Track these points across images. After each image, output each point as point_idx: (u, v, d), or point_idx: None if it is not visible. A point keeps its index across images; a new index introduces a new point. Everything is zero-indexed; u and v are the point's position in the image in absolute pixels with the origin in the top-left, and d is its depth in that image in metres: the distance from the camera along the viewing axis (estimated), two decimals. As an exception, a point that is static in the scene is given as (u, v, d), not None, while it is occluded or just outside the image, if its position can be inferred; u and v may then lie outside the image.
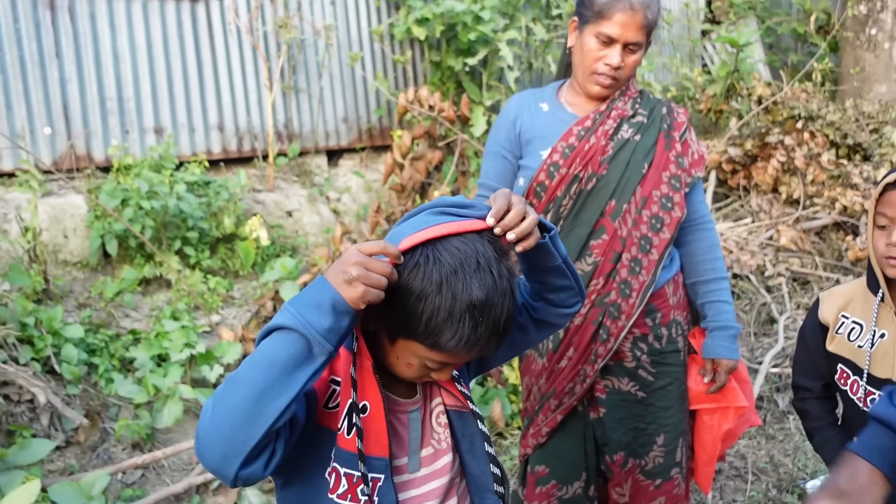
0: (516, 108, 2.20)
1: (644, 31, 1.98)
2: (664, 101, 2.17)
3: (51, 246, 3.97)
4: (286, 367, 1.03)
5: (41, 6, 4.20)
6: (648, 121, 2.10)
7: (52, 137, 4.25)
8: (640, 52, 2.01)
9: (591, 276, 2.08)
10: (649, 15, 1.97)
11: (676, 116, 2.15)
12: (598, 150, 2.05)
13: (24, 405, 3.11)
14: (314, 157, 5.33)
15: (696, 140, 2.18)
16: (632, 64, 2.02)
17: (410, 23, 5.13)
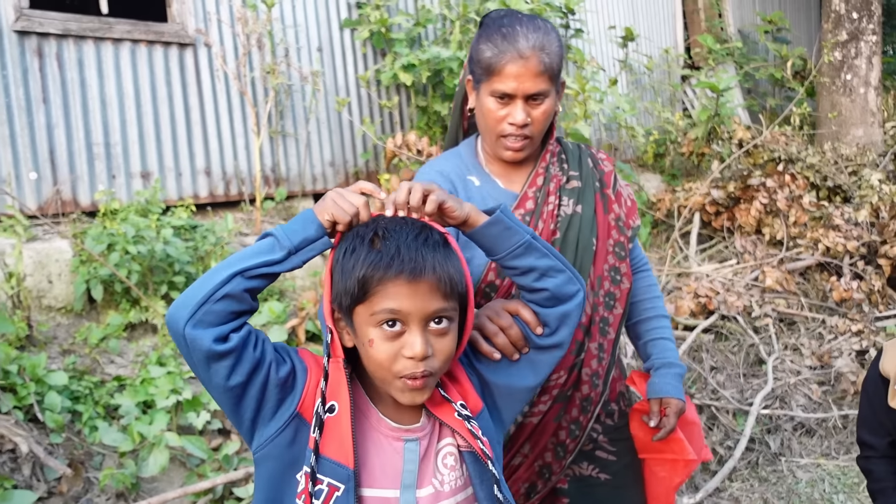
0: (445, 177, 1.86)
1: (545, 78, 1.66)
2: (584, 150, 1.92)
3: (35, 291, 3.92)
4: (247, 253, 1.20)
5: (29, 53, 4.21)
6: (582, 182, 1.85)
7: (37, 182, 4.23)
8: (550, 101, 1.70)
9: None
10: (546, 58, 1.65)
11: (603, 167, 1.91)
12: (546, 237, 1.77)
13: (5, 455, 3.03)
14: (301, 200, 5.33)
15: (624, 184, 1.95)
16: (541, 116, 1.71)
17: (397, 69, 5.20)
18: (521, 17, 1.70)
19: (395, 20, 5.42)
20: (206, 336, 1.14)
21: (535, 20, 1.71)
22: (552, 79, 1.68)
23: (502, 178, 1.84)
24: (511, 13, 1.73)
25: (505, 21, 1.69)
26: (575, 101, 5.10)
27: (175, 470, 3.45)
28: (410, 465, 1.23)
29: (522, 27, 1.67)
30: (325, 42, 5.48)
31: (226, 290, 1.15)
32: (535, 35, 1.66)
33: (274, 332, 3.92)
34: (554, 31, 1.70)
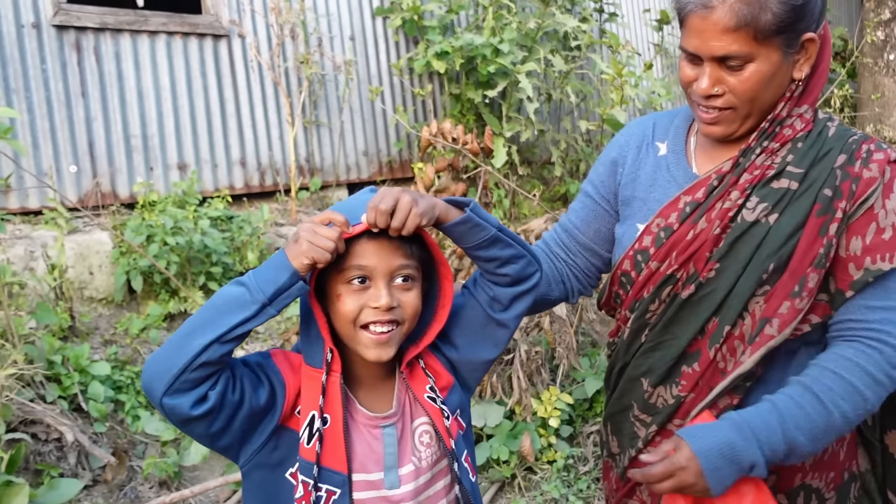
0: (623, 144, 1.60)
1: (742, 35, 1.26)
2: (851, 141, 1.37)
3: (77, 283, 3.98)
4: (221, 309, 1.14)
5: (67, 47, 4.26)
6: (802, 184, 1.35)
7: (77, 175, 4.29)
8: (758, 65, 1.29)
9: (670, 415, 1.45)
10: (744, 8, 1.24)
11: (862, 171, 1.33)
12: (706, 242, 1.38)
13: (51, 444, 3.09)
14: (335, 190, 5.35)
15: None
16: (743, 85, 1.31)
17: (430, 56, 5.17)
18: None
19: (428, 7, 5.39)
20: (184, 403, 1.12)
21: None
22: (759, 36, 1.26)
23: (705, 152, 1.48)
24: None
25: None
26: (611, 87, 5.03)
27: (215, 458, 3.50)
28: (390, 448, 1.30)
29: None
30: (357, 31, 5.47)
31: (202, 358, 1.12)
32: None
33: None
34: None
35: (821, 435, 1.28)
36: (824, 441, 1.30)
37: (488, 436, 3.64)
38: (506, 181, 4.25)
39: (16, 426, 2.96)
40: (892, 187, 1.33)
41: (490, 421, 3.60)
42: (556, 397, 3.73)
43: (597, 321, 4.21)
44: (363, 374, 1.32)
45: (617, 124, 5.31)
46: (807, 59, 1.34)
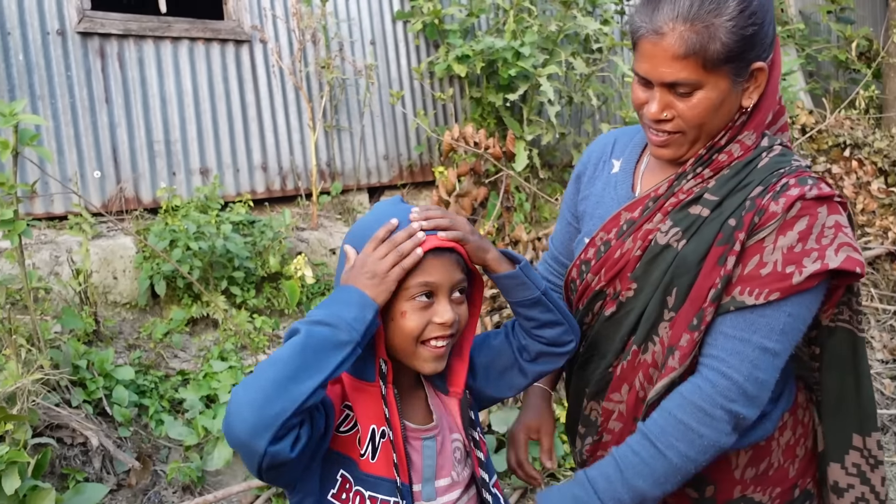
0: (585, 160, 1.62)
1: (690, 63, 1.24)
2: (777, 171, 1.32)
3: (101, 287, 4.01)
4: (318, 351, 1.11)
5: (92, 54, 4.30)
6: (713, 212, 1.33)
7: (101, 181, 4.32)
8: (706, 93, 1.27)
9: (590, 445, 1.52)
10: (692, 36, 1.23)
11: (770, 204, 1.28)
12: (629, 262, 1.39)
13: (76, 448, 3.11)
14: (356, 194, 5.35)
15: (809, 241, 1.27)
16: (691, 112, 1.29)
17: (451, 60, 5.16)
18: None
19: (448, 11, 5.38)
20: (285, 447, 1.07)
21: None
22: (708, 65, 1.24)
23: (653, 172, 1.48)
24: None
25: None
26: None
27: (238, 464, 3.50)
28: (429, 460, 1.31)
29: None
30: (378, 35, 5.48)
31: (310, 402, 1.08)
32: (687, 1, 1.25)
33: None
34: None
35: (664, 479, 1.30)
36: (674, 482, 1.31)
37: (511, 441, 3.62)
38: (527, 185, 4.23)
39: (42, 430, 2.98)
40: (793, 226, 1.27)
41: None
42: (579, 403, 3.70)
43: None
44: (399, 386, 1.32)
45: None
46: (756, 87, 1.33)
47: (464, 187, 3.98)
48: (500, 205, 4.07)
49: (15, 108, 2.93)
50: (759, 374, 1.29)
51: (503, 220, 4.22)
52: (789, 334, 1.29)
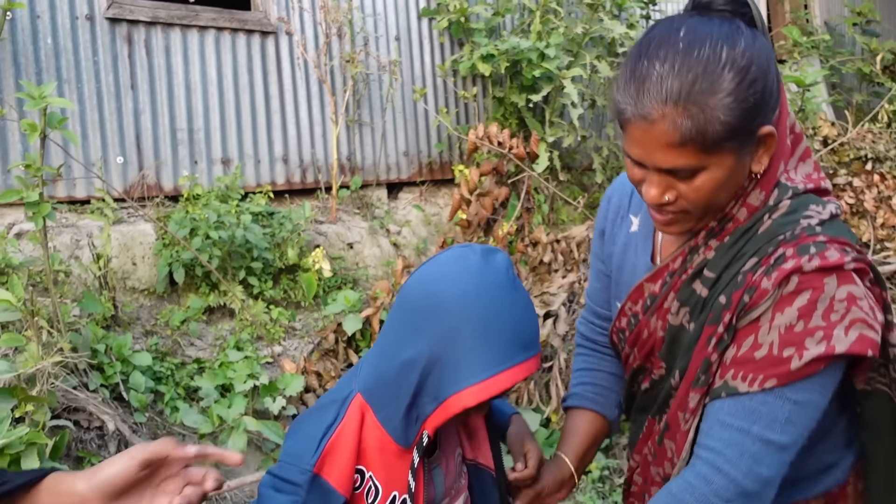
0: (603, 216, 1.51)
1: (688, 150, 1.09)
2: (777, 237, 1.17)
3: (120, 273, 4.02)
4: None
5: (119, 40, 4.31)
6: (711, 291, 1.22)
7: (124, 166, 4.34)
8: (708, 174, 1.12)
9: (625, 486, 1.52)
10: (687, 123, 1.06)
11: (761, 280, 1.14)
12: (656, 341, 1.31)
13: (93, 432, 3.12)
14: (375, 189, 5.35)
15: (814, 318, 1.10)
16: (695, 194, 1.14)
17: (475, 59, 5.15)
18: (671, 45, 1.09)
19: (475, 9, 5.37)
20: None
21: (695, 47, 1.08)
22: (709, 147, 1.08)
23: (671, 236, 1.34)
24: (667, 31, 1.12)
25: (647, 48, 1.12)
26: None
27: (251, 454, 3.51)
28: (439, 488, 1.31)
29: (662, 64, 1.08)
30: (402, 31, 5.48)
31: None
32: (676, 81, 1.06)
33: (349, 321, 3.95)
34: (727, 66, 1.07)
35: None
36: None
37: (524, 443, 3.61)
38: (548, 185, 4.22)
39: (59, 413, 3.00)
40: (793, 301, 1.11)
41: (526, 428, 3.57)
42: (594, 407, 3.69)
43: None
44: None
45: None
46: (766, 151, 1.17)
47: (485, 187, 3.98)
48: (521, 206, 4.07)
49: (44, 92, 2.95)
50: (762, 469, 1.12)
51: (522, 220, 4.22)
52: (798, 424, 1.12)
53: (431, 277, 1.17)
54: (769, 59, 1.11)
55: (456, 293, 1.12)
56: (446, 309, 1.12)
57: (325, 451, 1.17)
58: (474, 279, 1.13)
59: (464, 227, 3.96)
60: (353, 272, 4.74)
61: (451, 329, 1.11)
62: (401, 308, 1.19)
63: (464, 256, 1.17)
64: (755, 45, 1.10)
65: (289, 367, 3.81)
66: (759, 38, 1.12)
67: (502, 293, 1.13)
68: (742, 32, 1.10)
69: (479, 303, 1.11)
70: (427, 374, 1.13)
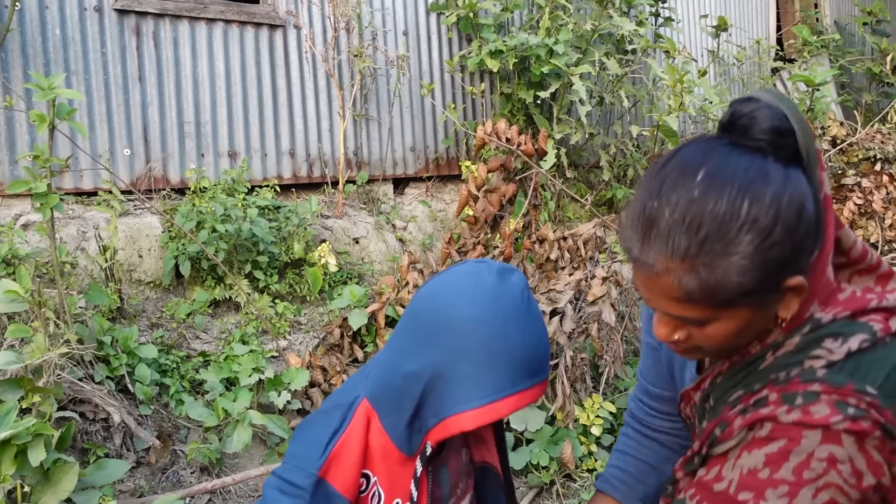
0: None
1: (696, 306, 0.99)
2: (770, 375, 1.05)
3: (126, 265, 4.02)
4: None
5: (128, 31, 4.31)
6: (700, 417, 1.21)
7: (130, 159, 4.33)
8: (721, 324, 1.01)
9: None
10: (690, 282, 0.95)
11: (734, 416, 1.07)
12: None
13: (98, 423, 3.12)
14: (381, 184, 5.34)
15: (781, 470, 0.98)
16: (707, 340, 1.05)
17: (484, 55, 5.14)
18: (686, 189, 0.95)
19: (483, 5, 5.35)
20: None
21: (711, 198, 0.92)
22: (720, 303, 0.97)
23: None
24: (686, 167, 0.97)
25: (661, 184, 0.98)
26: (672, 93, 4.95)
27: (255, 447, 3.51)
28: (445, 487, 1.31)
29: (672, 212, 0.94)
30: (411, 26, 5.46)
31: None
32: (684, 237, 0.93)
33: (355, 316, 3.94)
34: (745, 225, 0.92)
35: None
36: None
37: (528, 440, 3.61)
38: (555, 182, 4.21)
39: (65, 405, 3.00)
40: (762, 446, 1.00)
41: (531, 425, 3.57)
42: (599, 405, 3.68)
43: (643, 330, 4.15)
44: None
45: (670, 131, 5.24)
46: (795, 298, 1.00)
47: (493, 183, 3.96)
48: (528, 202, 4.06)
49: (53, 83, 2.94)
50: None
51: (529, 217, 4.21)
52: None
53: (444, 292, 1.13)
54: (802, 205, 0.94)
55: (467, 312, 1.09)
56: (455, 327, 1.09)
57: (331, 456, 1.16)
58: (487, 299, 1.10)
59: (470, 224, 3.95)
60: (358, 267, 4.74)
61: (457, 348, 1.09)
62: (410, 318, 1.17)
63: (479, 274, 1.13)
64: (786, 195, 0.93)
65: (294, 361, 3.81)
66: (794, 181, 0.94)
67: (515, 316, 1.10)
68: (771, 180, 0.93)
69: (489, 325, 1.08)
70: (430, 390, 1.12)
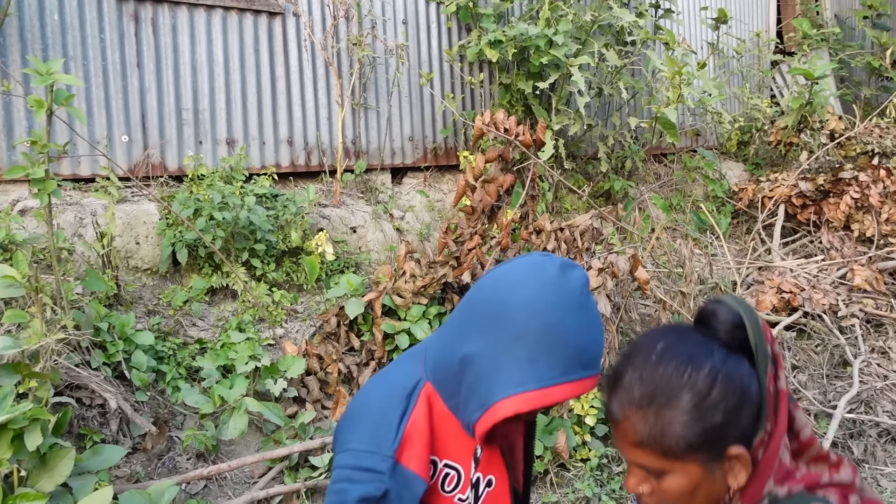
0: None
1: (649, 452, 1.14)
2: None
3: (123, 252, 4.03)
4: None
5: (126, 17, 4.29)
6: None
7: (128, 145, 4.33)
8: (674, 478, 1.14)
9: None
10: (643, 427, 1.12)
11: None
12: None
13: (94, 409, 3.13)
14: (379, 174, 5.34)
15: None
16: (665, 494, 1.17)
17: (483, 45, 5.13)
18: (647, 355, 1.15)
19: (483, -5, 5.34)
20: None
21: (662, 363, 1.13)
22: (668, 454, 1.12)
23: None
24: (651, 341, 1.17)
25: (631, 351, 1.18)
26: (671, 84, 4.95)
27: (251, 434, 3.53)
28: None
29: (634, 371, 1.14)
30: (410, 15, 5.45)
31: None
32: (639, 389, 1.13)
33: (352, 305, 3.95)
34: (686, 387, 1.11)
35: None
36: None
37: (523, 430, 3.63)
38: (553, 173, 4.21)
39: (62, 390, 3.01)
40: None
41: (526, 415, 3.58)
42: (594, 395, 3.70)
43: (638, 322, 4.17)
44: None
45: (668, 123, 5.24)
46: (742, 468, 1.14)
47: (491, 173, 3.96)
48: (526, 193, 4.06)
49: (52, 68, 2.93)
50: None
51: (527, 208, 4.21)
52: None
53: (506, 280, 1.16)
54: (740, 383, 1.12)
55: (527, 301, 1.13)
56: (514, 314, 1.13)
57: (405, 438, 1.16)
58: (547, 289, 1.14)
59: (468, 214, 3.96)
60: (355, 256, 4.74)
61: (514, 334, 1.12)
62: (470, 304, 1.19)
63: (542, 266, 1.16)
64: (724, 370, 1.12)
65: (290, 349, 3.82)
66: (735, 362, 1.13)
67: (573, 309, 1.14)
68: (714, 357, 1.13)
69: (547, 314, 1.12)
70: (484, 374, 1.13)
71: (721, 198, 6.61)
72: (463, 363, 1.15)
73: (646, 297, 4.43)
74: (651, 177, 6.62)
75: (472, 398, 1.15)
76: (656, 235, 4.42)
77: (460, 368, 1.16)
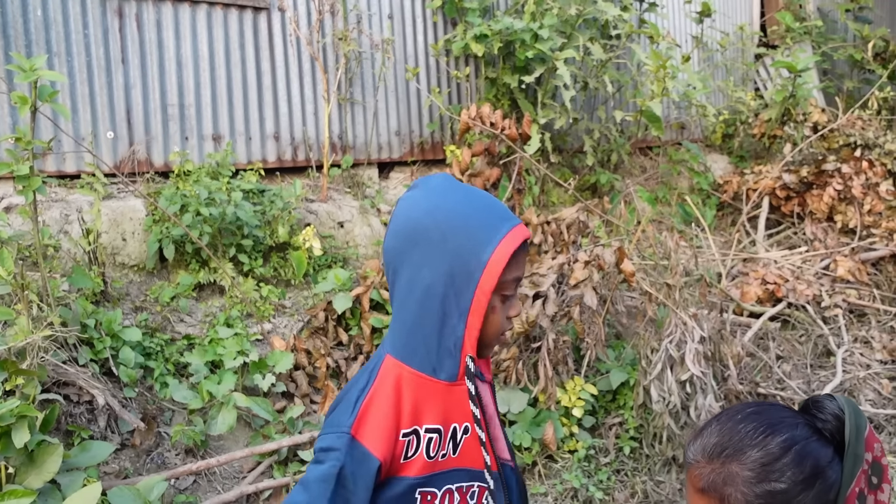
0: None
1: (710, 498, 1.23)
2: None
3: (109, 248, 4.02)
4: None
5: (110, 13, 4.27)
6: None
7: (114, 141, 4.31)
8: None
9: None
10: (709, 475, 1.20)
11: None
12: None
13: (82, 406, 3.13)
14: (366, 168, 5.34)
15: None
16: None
17: (468, 39, 5.14)
18: (734, 413, 1.24)
19: (468, -11, 5.34)
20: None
21: (744, 422, 1.21)
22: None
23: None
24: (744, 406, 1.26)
25: (727, 411, 1.26)
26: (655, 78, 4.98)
27: (240, 429, 3.53)
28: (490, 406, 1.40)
29: (717, 424, 1.24)
30: (396, 10, 5.45)
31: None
32: (714, 438, 1.21)
33: (339, 300, 3.96)
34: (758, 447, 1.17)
35: None
36: None
37: (511, 422, 3.65)
38: (539, 167, 4.23)
39: (49, 387, 3.01)
40: None
41: (514, 407, 3.61)
42: (581, 387, 3.73)
43: (624, 314, 4.20)
44: None
45: (653, 116, 5.27)
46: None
47: (477, 167, 3.98)
48: (512, 187, 4.08)
49: (35, 64, 2.93)
50: None
51: (513, 201, 4.23)
52: None
53: (397, 220, 1.24)
54: (816, 462, 1.14)
55: (423, 213, 1.20)
56: (424, 229, 1.19)
57: (360, 413, 1.19)
58: (427, 196, 1.22)
59: (455, 208, 3.97)
60: (343, 251, 4.75)
61: (439, 240, 1.18)
62: (390, 261, 1.24)
63: (407, 191, 1.26)
64: (801, 444, 1.15)
65: (278, 344, 3.83)
66: (817, 445, 1.15)
67: (455, 193, 1.23)
68: (797, 430, 1.16)
69: (445, 208, 1.20)
70: (445, 288, 1.18)
71: (706, 190, 6.66)
72: (420, 302, 1.19)
73: (632, 290, 4.46)
74: (637, 170, 6.66)
75: (446, 324, 1.19)
76: (642, 228, 4.46)
77: (420, 309, 1.20)
